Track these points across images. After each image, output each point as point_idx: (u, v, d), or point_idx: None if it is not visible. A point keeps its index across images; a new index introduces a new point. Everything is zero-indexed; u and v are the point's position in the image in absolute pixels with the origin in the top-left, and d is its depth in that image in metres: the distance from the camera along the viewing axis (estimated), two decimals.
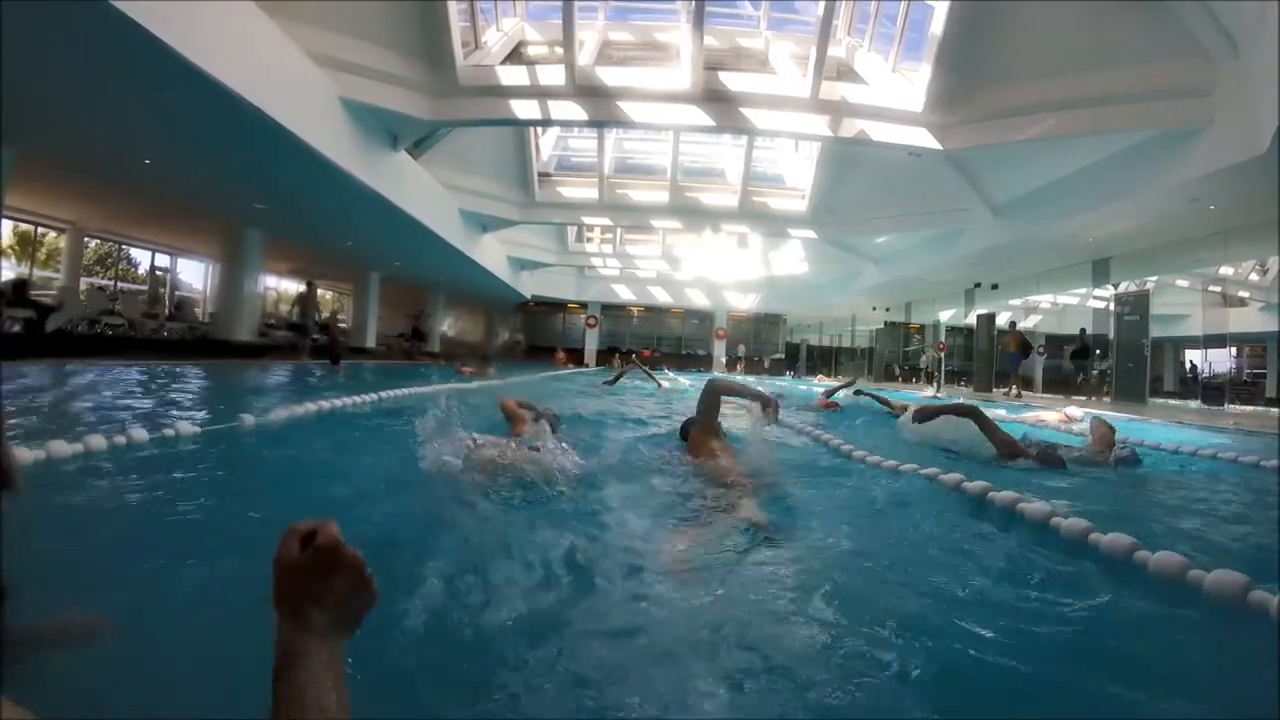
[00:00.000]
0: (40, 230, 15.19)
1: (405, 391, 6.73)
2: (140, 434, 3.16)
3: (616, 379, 11.61)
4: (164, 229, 16.07)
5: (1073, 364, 16.94)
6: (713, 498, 2.59)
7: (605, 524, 2.27)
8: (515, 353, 27.50)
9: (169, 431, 3.33)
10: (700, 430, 3.30)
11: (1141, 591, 1.98)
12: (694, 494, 2.69)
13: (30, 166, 9.72)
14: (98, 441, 2.90)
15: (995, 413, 6.00)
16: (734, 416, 4.13)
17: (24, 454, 2.61)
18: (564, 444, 2.91)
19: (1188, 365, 23.32)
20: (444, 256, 16.16)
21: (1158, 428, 7.83)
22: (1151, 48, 8.07)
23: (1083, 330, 16.87)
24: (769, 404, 3.43)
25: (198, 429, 3.53)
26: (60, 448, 2.75)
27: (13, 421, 3.46)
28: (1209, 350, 18.35)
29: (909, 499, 3.00)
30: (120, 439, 3.04)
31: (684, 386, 13.06)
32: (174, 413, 4.49)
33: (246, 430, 3.89)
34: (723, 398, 3.38)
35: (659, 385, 11.83)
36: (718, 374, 5.47)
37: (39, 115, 7.82)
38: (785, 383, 13.97)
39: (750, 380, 20.47)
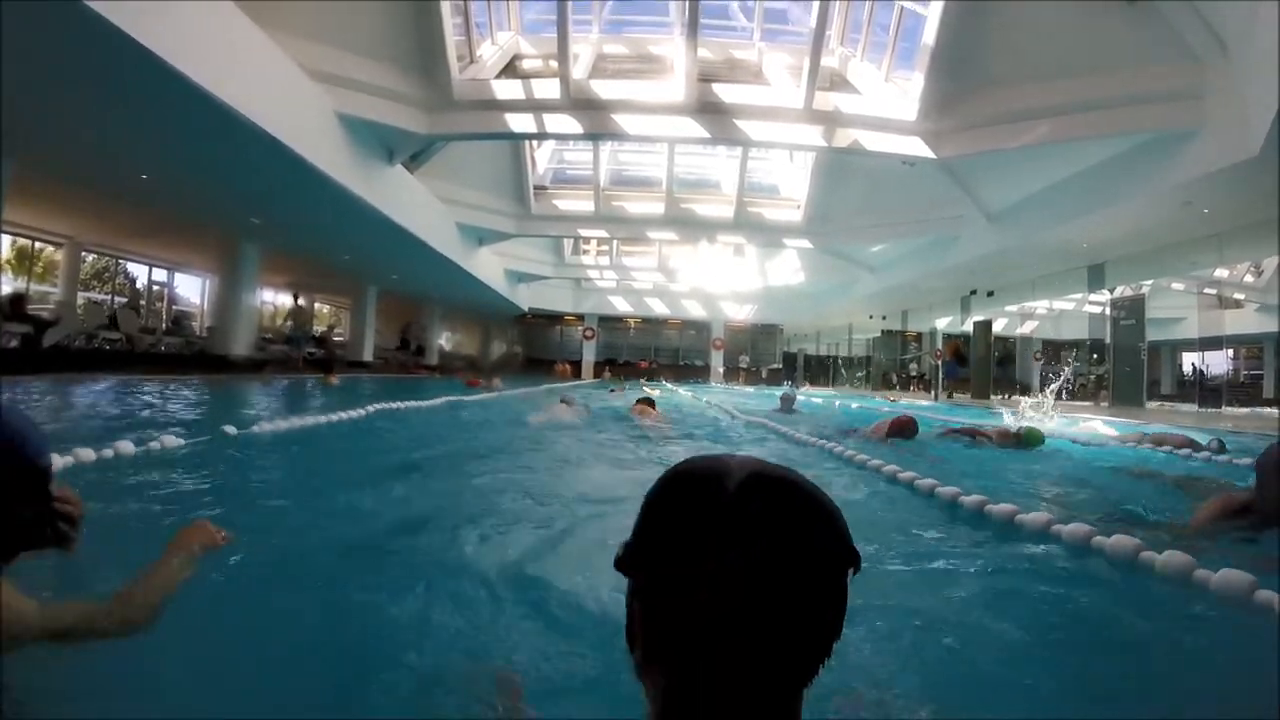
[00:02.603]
0: (37, 244, 15.19)
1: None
2: (127, 447, 3.14)
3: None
4: (161, 243, 16.08)
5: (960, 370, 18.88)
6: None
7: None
8: (513, 365, 27.45)
9: (154, 445, 3.31)
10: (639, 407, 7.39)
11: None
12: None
13: (28, 180, 9.73)
14: (86, 454, 2.88)
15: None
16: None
17: None
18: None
19: (1187, 368, 23.35)
20: (441, 270, 16.18)
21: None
22: (1142, 51, 8.13)
23: (965, 339, 18.69)
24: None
25: (182, 441, 3.51)
26: (53, 460, 2.73)
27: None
28: (1206, 352, 18.37)
29: None
30: (108, 452, 3.02)
31: (684, 397, 13.07)
32: (171, 425, 4.46)
33: (230, 441, 3.89)
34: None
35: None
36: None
37: (36, 129, 7.84)
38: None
39: (750, 390, 20.45)
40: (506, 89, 11.03)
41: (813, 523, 0.51)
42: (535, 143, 16.94)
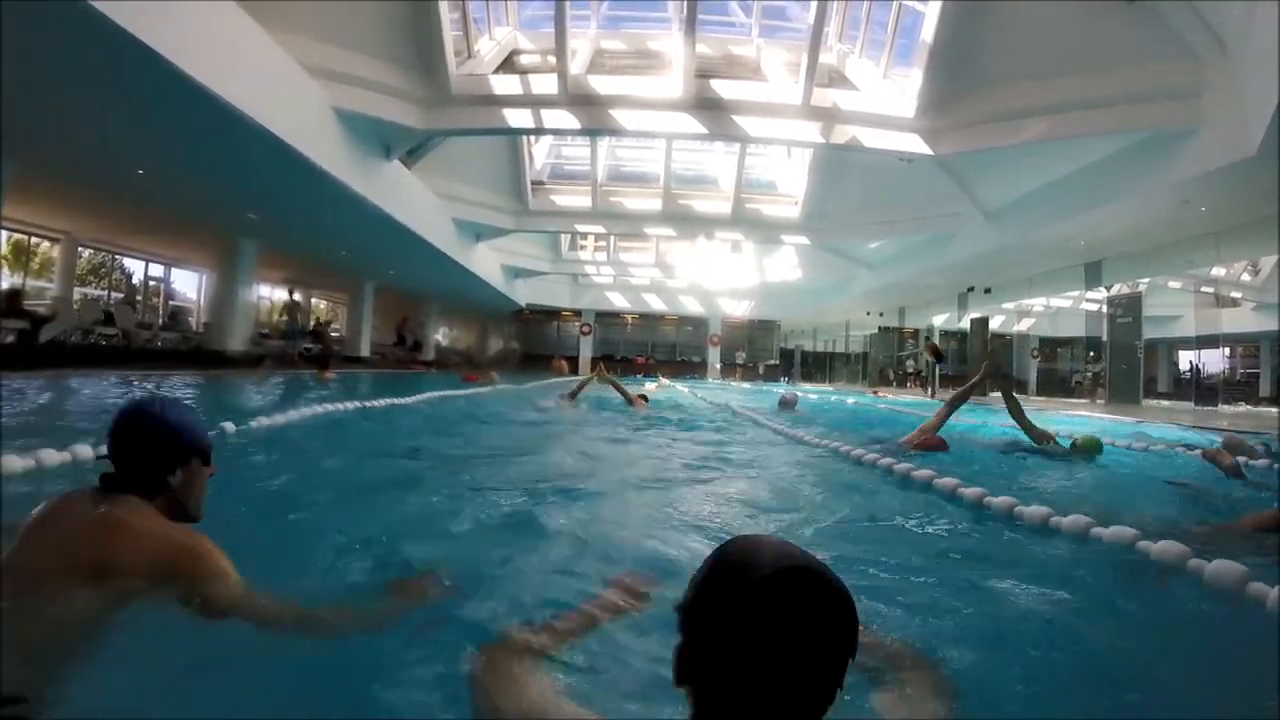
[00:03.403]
0: (34, 240, 15.12)
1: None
2: None
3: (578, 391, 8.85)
4: (158, 239, 16.02)
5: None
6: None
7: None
8: (510, 360, 27.45)
9: None
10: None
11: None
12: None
13: (27, 178, 9.68)
14: (84, 451, 2.89)
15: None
16: None
17: (14, 462, 2.59)
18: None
19: (1183, 365, 23.42)
20: (438, 265, 16.15)
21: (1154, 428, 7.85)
22: (1140, 50, 8.13)
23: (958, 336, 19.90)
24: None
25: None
26: (50, 456, 2.75)
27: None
28: (1202, 350, 18.44)
29: None
30: (104, 448, 3.01)
31: (680, 392, 13.07)
32: None
33: (230, 438, 3.89)
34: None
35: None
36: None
37: (36, 129, 7.81)
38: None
39: (747, 386, 20.49)
40: (504, 84, 11.01)
41: (828, 615, 0.62)
42: (533, 138, 16.90)
